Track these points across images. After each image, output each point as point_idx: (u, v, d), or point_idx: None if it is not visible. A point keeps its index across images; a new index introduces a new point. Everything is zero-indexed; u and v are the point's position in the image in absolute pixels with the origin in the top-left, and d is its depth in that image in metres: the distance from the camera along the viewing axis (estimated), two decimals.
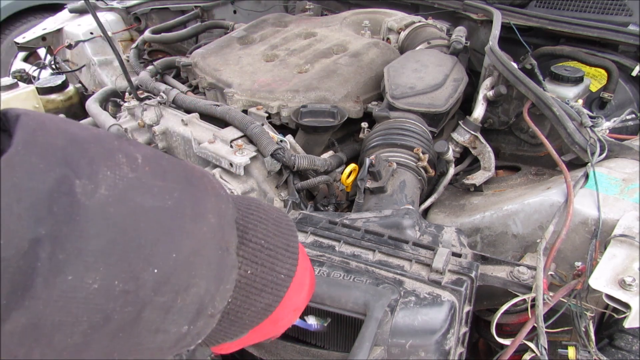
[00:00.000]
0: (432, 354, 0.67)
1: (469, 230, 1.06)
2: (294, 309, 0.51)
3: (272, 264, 0.46)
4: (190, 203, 0.36)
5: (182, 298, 0.35)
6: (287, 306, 0.49)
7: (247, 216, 0.45)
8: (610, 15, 1.61)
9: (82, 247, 0.30)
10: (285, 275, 0.47)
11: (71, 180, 0.30)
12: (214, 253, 0.38)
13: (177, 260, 0.34)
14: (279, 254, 0.47)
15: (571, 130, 1.09)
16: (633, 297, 0.71)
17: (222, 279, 0.39)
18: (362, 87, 1.48)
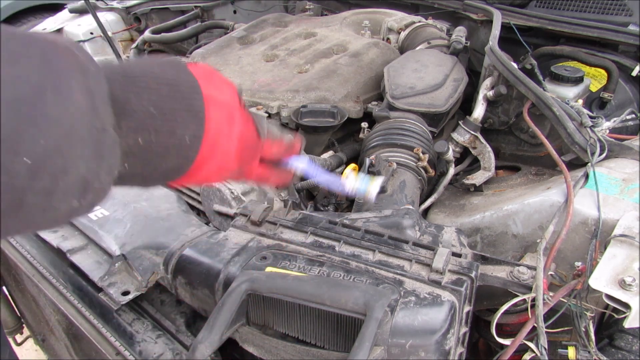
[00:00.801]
0: (432, 354, 0.67)
1: (469, 230, 1.06)
2: (219, 167, 0.53)
3: (171, 128, 0.46)
4: (51, 86, 0.35)
5: (62, 180, 0.36)
6: (213, 161, 0.51)
7: (128, 86, 0.44)
8: (610, 15, 1.61)
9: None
10: (192, 137, 0.48)
11: None
12: (87, 133, 0.37)
13: (47, 146, 0.34)
14: (178, 117, 0.46)
15: (571, 130, 1.09)
16: (633, 297, 0.71)
17: (103, 156, 0.40)
18: (362, 87, 1.48)
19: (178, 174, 0.50)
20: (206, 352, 0.62)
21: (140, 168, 0.46)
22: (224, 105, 0.52)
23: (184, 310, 0.97)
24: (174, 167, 0.49)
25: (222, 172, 0.55)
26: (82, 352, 1.17)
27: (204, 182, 0.57)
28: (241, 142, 0.55)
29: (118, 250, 0.94)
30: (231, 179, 0.61)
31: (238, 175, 0.61)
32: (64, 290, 1.04)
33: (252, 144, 0.59)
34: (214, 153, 0.51)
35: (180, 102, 0.47)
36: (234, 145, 0.54)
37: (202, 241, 0.89)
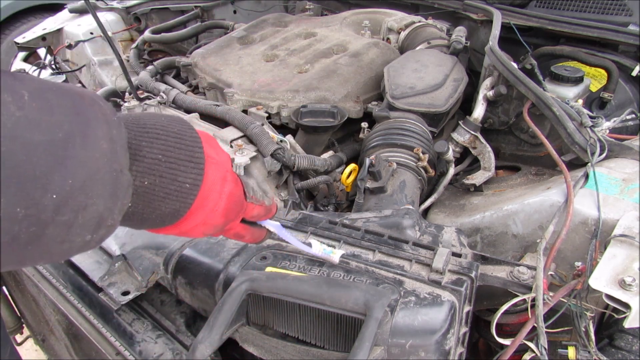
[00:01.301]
0: (432, 354, 0.67)
1: (469, 230, 1.06)
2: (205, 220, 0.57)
3: (174, 174, 0.51)
4: (80, 133, 0.39)
5: (82, 216, 0.41)
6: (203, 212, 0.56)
7: (141, 135, 0.50)
8: (610, 15, 1.61)
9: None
10: (191, 185, 0.53)
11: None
12: (108, 175, 0.42)
13: (74, 185, 0.39)
14: (181, 165, 0.52)
15: (571, 130, 1.09)
16: (633, 297, 0.71)
17: (118, 196, 0.44)
18: (362, 87, 1.48)
19: (173, 219, 0.54)
20: (206, 352, 0.62)
21: (142, 208, 0.50)
22: (219, 164, 0.57)
23: (184, 310, 0.97)
24: (171, 211, 0.53)
25: (206, 225, 0.58)
26: (82, 352, 1.17)
27: (185, 233, 0.59)
28: (229, 201, 0.59)
29: (118, 250, 0.94)
30: (210, 234, 0.62)
31: (218, 232, 0.63)
32: (64, 290, 1.04)
33: (239, 204, 0.63)
34: (204, 205, 0.55)
35: (184, 152, 0.52)
36: (223, 202, 0.58)
37: (202, 241, 0.89)
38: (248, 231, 0.70)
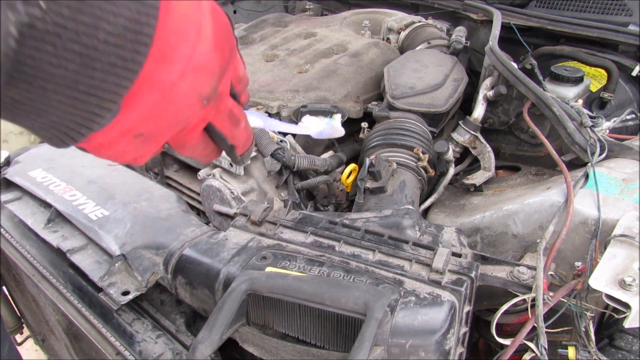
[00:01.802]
0: (432, 354, 0.67)
1: (469, 230, 1.06)
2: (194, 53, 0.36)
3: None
4: None
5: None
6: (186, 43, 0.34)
7: None
8: (610, 15, 1.61)
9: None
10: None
11: None
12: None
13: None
14: None
15: (571, 130, 1.09)
16: (633, 297, 0.71)
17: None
18: (362, 87, 1.48)
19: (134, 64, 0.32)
20: (206, 352, 0.62)
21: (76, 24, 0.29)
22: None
23: (184, 310, 0.97)
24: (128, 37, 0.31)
25: (200, 73, 0.37)
26: (82, 352, 1.17)
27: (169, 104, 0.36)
28: (217, 22, 0.39)
29: (118, 250, 0.94)
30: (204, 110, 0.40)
31: (212, 99, 0.41)
32: (64, 290, 1.04)
33: (229, 33, 0.42)
34: (179, 28, 0.34)
35: None
36: (209, 23, 0.38)
37: (202, 241, 0.89)
38: (243, 115, 0.49)
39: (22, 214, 1.16)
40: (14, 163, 1.27)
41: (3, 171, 1.25)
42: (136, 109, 0.33)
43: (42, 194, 1.12)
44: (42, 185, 1.15)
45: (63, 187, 1.13)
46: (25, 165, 1.24)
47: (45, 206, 1.15)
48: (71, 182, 1.15)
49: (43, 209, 1.16)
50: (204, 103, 0.38)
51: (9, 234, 1.20)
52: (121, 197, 1.08)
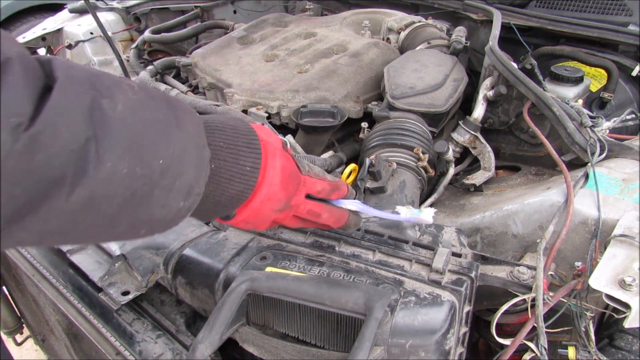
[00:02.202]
0: (432, 354, 0.67)
1: (469, 230, 1.06)
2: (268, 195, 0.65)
3: (235, 159, 0.61)
4: (174, 117, 0.51)
5: (178, 182, 0.51)
6: (264, 188, 0.64)
7: (206, 127, 0.59)
8: (610, 15, 1.61)
9: (113, 144, 0.44)
10: (251, 168, 0.62)
11: (99, 99, 0.44)
12: (195, 150, 0.53)
13: (173, 155, 0.50)
14: (241, 151, 0.62)
15: (571, 130, 1.09)
16: (633, 297, 0.71)
17: (202, 167, 0.55)
18: (362, 87, 1.48)
19: (240, 201, 0.63)
20: (206, 352, 0.62)
21: (213, 189, 0.59)
22: (270, 144, 0.66)
23: (184, 310, 0.97)
24: (237, 193, 0.62)
25: (271, 200, 0.65)
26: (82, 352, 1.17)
27: (257, 213, 0.66)
28: (283, 174, 0.66)
29: (118, 250, 0.94)
30: (280, 209, 0.68)
31: (288, 208, 0.69)
32: (64, 290, 1.04)
33: (294, 175, 0.69)
34: (262, 183, 0.64)
35: (241, 140, 0.62)
36: (278, 176, 0.65)
37: (202, 241, 0.89)
38: (323, 209, 0.75)
39: None
40: None
41: None
42: (240, 216, 0.66)
43: None
44: None
45: None
46: None
47: None
48: None
49: None
50: (278, 212, 0.68)
51: None
52: None
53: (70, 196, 0.42)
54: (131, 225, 0.50)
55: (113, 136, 0.44)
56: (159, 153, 0.48)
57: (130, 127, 0.45)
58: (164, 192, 0.49)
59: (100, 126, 0.43)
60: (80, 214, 0.44)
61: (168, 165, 0.49)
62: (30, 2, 3.80)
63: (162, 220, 0.52)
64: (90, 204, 0.44)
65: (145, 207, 0.49)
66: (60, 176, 0.41)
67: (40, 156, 0.39)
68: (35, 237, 0.44)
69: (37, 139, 0.39)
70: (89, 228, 0.46)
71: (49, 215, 0.42)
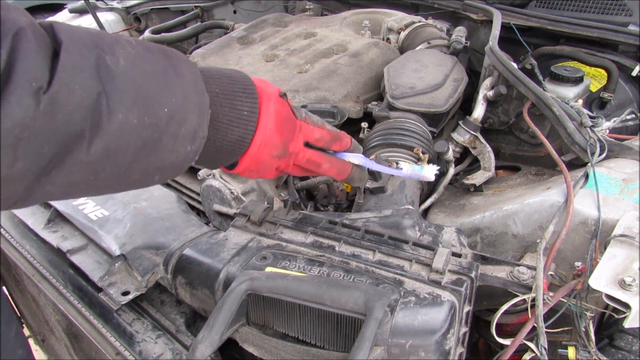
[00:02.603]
0: (432, 354, 0.67)
1: (469, 230, 1.06)
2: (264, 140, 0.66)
3: (232, 104, 0.62)
4: (172, 67, 0.54)
5: (184, 127, 0.54)
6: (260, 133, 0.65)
7: (202, 74, 0.61)
8: (610, 15, 1.61)
9: (121, 97, 0.47)
10: (249, 112, 0.63)
11: (103, 56, 0.47)
12: (195, 96, 0.56)
13: (176, 102, 0.53)
14: (237, 96, 0.63)
15: (571, 130, 1.09)
16: (633, 297, 0.71)
17: (204, 112, 0.58)
18: (362, 87, 1.48)
19: (242, 146, 0.64)
20: (206, 352, 0.62)
21: (213, 135, 0.61)
22: (266, 91, 0.67)
23: (184, 310, 0.97)
24: (238, 138, 0.63)
25: (268, 145, 0.66)
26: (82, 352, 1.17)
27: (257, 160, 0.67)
28: (277, 118, 0.67)
29: (118, 250, 0.95)
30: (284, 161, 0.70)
31: (287, 155, 0.70)
32: (64, 290, 1.04)
33: (288, 120, 0.69)
34: (258, 128, 0.65)
35: (237, 86, 0.64)
36: (272, 120, 0.66)
37: (202, 241, 0.89)
38: (324, 158, 0.76)
39: (22, 214, 1.16)
40: None
41: None
42: (242, 165, 0.67)
43: None
44: None
45: None
46: None
47: (45, 206, 1.15)
48: None
49: (43, 209, 1.16)
50: (277, 159, 0.69)
51: (9, 234, 1.20)
52: (121, 197, 1.08)
53: (90, 148, 0.46)
54: (145, 172, 0.54)
55: (120, 89, 0.47)
56: (163, 102, 0.51)
57: (134, 80, 0.49)
58: (172, 138, 0.53)
59: (108, 81, 0.46)
60: (99, 164, 0.48)
61: (173, 112, 0.52)
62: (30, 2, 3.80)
63: (172, 164, 0.56)
64: (108, 154, 0.48)
65: (156, 154, 0.52)
66: (79, 131, 0.45)
67: (61, 114, 0.43)
68: (62, 190, 0.48)
69: (57, 99, 0.43)
70: (108, 177, 0.50)
71: (72, 168, 0.46)
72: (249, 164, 0.67)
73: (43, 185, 0.46)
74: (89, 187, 0.51)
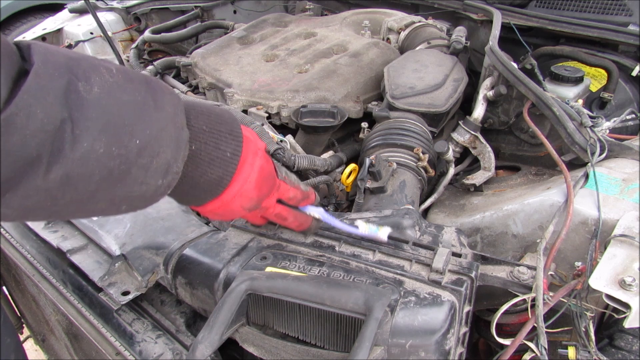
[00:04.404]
0: (432, 354, 0.67)
1: (469, 230, 1.06)
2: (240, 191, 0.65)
3: (216, 143, 0.62)
4: (152, 98, 0.53)
5: (156, 161, 0.53)
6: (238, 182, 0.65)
7: (189, 110, 0.62)
8: (610, 15, 1.61)
9: (89, 125, 0.46)
10: (231, 155, 0.63)
11: (75, 83, 0.46)
12: (173, 131, 0.55)
13: (150, 135, 0.51)
14: (222, 137, 0.63)
15: (571, 130, 1.09)
16: (633, 297, 0.71)
17: (180, 147, 0.57)
18: (362, 87, 1.48)
19: (218, 187, 0.63)
20: (206, 352, 0.62)
21: (192, 170, 0.60)
22: (252, 142, 0.67)
23: (184, 310, 0.97)
24: (216, 178, 0.62)
25: (243, 197, 0.66)
26: (82, 352, 1.17)
27: (226, 206, 0.66)
28: (260, 174, 0.67)
29: (118, 250, 0.95)
30: (249, 208, 0.69)
31: (257, 209, 0.71)
32: (64, 290, 1.04)
33: (270, 178, 0.70)
34: (239, 176, 0.65)
35: (224, 127, 0.64)
36: (255, 174, 0.66)
37: (202, 241, 0.89)
38: (290, 213, 0.78)
39: None
40: None
41: None
42: (209, 206, 0.66)
43: None
44: None
45: None
46: None
47: None
48: None
49: None
50: (247, 211, 0.69)
51: (9, 234, 1.20)
52: None
53: (47, 174, 0.44)
54: (111, 202, 0.52)
55: (89, 117, 0.46)
56: (135, 133, 0.50)
57: (106, 109, 0.47)
58: (142, 170, 0.52)
59: (76, 108, 0.45)
60: (58, 191, 0.46)
61: (145, 144, 0.51)
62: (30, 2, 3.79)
63: (141, 197, 0.54)
64: (68, 182, 0.46)
65: (123, 185, 0.51)
66: (36, 155, 0.43)
67: (16, 137, 0.42)
68: (18, 213, 0.47)
69: (12, 121, 0.41)
70: (69, 204, 0.49)
71: (28, 193, 0.45)
72: (217, 207, 0.66)
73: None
74: (47, 213, 0.49)
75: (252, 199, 0.67)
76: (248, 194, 0.66)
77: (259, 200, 0.69)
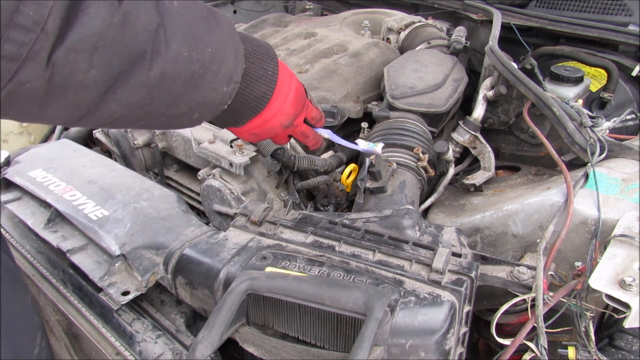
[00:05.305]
0: (432, 354, 0.67)
1: (469, 230, 1.06)
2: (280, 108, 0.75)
3: (260, 63, 0.71)
4: (213, 17, 0.63)
5: (222, 69, 0.63)
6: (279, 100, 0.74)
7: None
8: (610, 15, 1.61)
9: (176, 32, 0.55)
10: (272, 72, 0.72)
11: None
12: (232, 45, 0.65)
13: (217, 45, 0.62)
14: (264, 57, 0.72)
15: (571, 130, 1.09)
16: (633, 297, 0.71)
17: (239, 59, 0.66)
18: (362, 87, 1.48)
19: (262, 103, 0.72)
20: (206, 352, 0.62)
21: (243, 88, 0.69)
22: (287, 68, 0.77)
23: (184, 310, 0.97)
24: (261, 94, 0.71)
25: (282, 114, 0.75)
26: (82, 352, 1.17)
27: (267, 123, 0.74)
28: (297, 93, 0.77)
29: (118, 250, 0.94)
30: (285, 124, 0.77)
31: (290, 125, 0.79)
32: (64, 290, 1.04)
33: (303, 97, 0.80)
34: (280, 93, 0.74)
35: (264, 49, 0.73)
36: (292, 93, 0.76)
37: (202, 241, 0.89)
38: (311, 132, 0.88)
39: (22, 214, 1.16)
40: (14, 163, 1.27)
41: (3, 171, 1.25)
42: (252, 124, 0.75)
43: (42, 194, 1.12)
44: (42, 185, 1.15)
45: (63, 187, 1.13)
46: (25, 165, 1.24)
47: (45, 206, 1.15)
48: (71, 182, 1.15)
49: (43, 209, 1.16)
50: (283, 128, 0.78)
51: (9, 234, 1.20)
52: (121, 197, 1.08)
53: (150, 71, 0.53)
54: (189, 107, 0.62)
55: (175, 25, 0.55)
56: (207, 42, 0.60)
57: (185, 19, 0.57)
58: (213, 76, 0.61)
59: (165, 16, 0.55)
60: (155, 88, 0.55)
61: (214, 53, 0.61)
62: None
63: (210, 103, 0.64)
64: (164, 80, 0.55)
65: (199, 89, 0.61)
66: (143, 51, 0.52)
67: (130, 31, 0.50)
68: (123, 111, 0.55)
69: (127, 17, 0.50)
70: (160, 105, 0.58)
71: (134, 87, 0.53)
72: (258, 125, 0.74)
73: (109, 102, 0.52)
74: (143, 113, 0.57)
75: (289, 116, 0.77)
76: (287, 111, 0.76)
77: (294, 117, 0.78)
